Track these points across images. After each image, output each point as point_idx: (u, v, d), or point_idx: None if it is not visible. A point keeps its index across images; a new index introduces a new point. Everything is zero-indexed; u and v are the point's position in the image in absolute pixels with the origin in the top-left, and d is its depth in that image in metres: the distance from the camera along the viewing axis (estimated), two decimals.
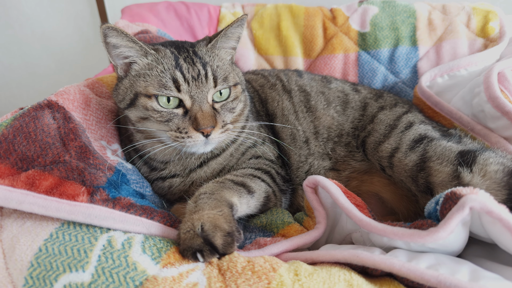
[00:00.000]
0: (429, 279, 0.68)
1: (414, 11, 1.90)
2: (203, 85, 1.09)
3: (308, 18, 2.00)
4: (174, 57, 1.12)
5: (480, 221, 0.76)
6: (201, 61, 1.12)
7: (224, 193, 0.97)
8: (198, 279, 0.74)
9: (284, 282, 0.72)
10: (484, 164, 0.94)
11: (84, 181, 0.91)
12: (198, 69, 1.10)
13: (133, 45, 1.11)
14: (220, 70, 1.14)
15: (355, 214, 0.89)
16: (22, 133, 0.96)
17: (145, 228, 0.87)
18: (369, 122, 1.36)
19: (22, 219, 0.80)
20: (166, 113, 1.10)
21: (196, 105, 1.09)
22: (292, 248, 0.93)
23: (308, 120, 1.41)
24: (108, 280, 0.69)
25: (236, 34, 1.22)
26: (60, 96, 1.12)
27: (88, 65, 2.86)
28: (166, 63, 1.10)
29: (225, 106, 1.16)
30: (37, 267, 0.72)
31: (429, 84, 1.65)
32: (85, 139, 1.07)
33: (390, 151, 1.19)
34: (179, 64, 1.10)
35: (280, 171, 1.31)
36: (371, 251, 0.83)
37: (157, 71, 1.09)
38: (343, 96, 1.48)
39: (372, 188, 1.31)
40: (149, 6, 2.03)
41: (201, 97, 1.09)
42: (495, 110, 1.24)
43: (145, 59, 1.13)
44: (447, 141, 1.11)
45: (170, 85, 1.08)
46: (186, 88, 1.08)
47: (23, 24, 2.76)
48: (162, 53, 1.13)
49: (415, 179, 1.09)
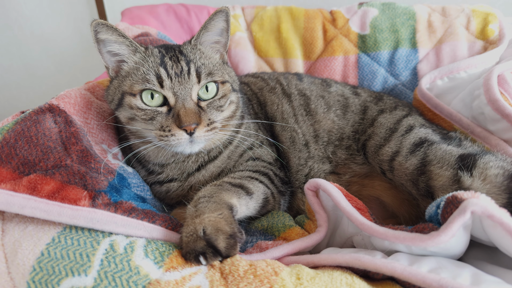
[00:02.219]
0: (431, 283, 0.68)
1: (414, 13, 1.90)
2: (185, 82, 1.10)
3: (308, 20, 2.01)
4: (161, 55, 1.14)
5: (481, 225, 0.76)
6: (186, 58, 1.14)
7: (223, 195, 0.97)
8: (201, 282, 0.74)
9: (286, 286, 0.72)
10: (484, 168, 0.95)
11: (86, 185, 0.91)
12: (182, 66, 1.11)
13: (123, 40, 1.13)
14: (204, 66, 1.15)
15: (357, 217, 0.89)
16: (24, 137, 0.96)
17: (147, 232, 0.87)
18: (369, 126, 1.36)
19: (24, 223, 0.80)
20: (150, 111, 1.11)
21: (180, 102, 1.09)
22: (293, 252, 0.93)
23: (308, 124, 1.41)
24: (111, 284, 0.69)
25: (217, 26, 1.20)
26: (61, 100, 1.12)
27: (87, 67, 2.86)
28: (151, 61, 1.12)
29: (212, 104, 1.15)
30: (39, 271, 0.72)
31: (429, 86, 1.66)
32: (86, 143, 1.07)
33: (391, 155, 1.19)
34: (164, 62, 1.12)
35: (279, 173, 1.31)
36: (373, 254, 0.83)
37: (143, 69, 1.11)
38: (343, 100, 1.48)
39: (373, 193, 1.31)
40: (149, 8, 2.03)
41: (184, 94, 1.09)
42: (495, 113, 1.25)
43: (134, 57, 1.15)
44: (447, 145, 1.11)
45: (153, 80, 1.09)
46: (169, 84, 1.09)
47: (23, 26, 2.76)
48: (150, 51, 1.15)
49: (415, 182, 1.09)
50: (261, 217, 1.17)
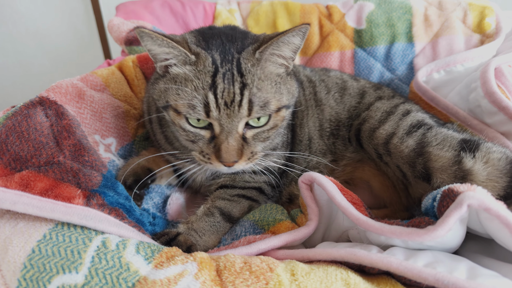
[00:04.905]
0: (426, 278, 0.67)
1: (410, 8, 1.89)
2: (234, 115, 0.97)
3: (304, 15, 1.99)
4: (214, 71, 0.97)
5: (478, 218, 0.75)
6: (241, 80, 0.96)
7: (206, 238, 1.05)
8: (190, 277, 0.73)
9: (281, 282, 0.71)
10: (487, 152, 0.95)
11: (80, 184, 0.91)
12: (234, 93, 0.95)
13: (170, 50, 0.98)
14: (260, 94, 0.98)
15: (352, 212, 0.88)
16: (15, 132, 0.94)
17: (138, 236, 0.87)
18: (364, 110, 1.33)
19: (15, 220, 0.79)
20: (192, 134, 1.04)
21: (223, 135, 0.99)
22: (280, 245, 0.92)
23: (315, 117, 1.38)
24: (102, 282, 0.68)
25: (292, 41, 1.01)
26: (51, 90, 1.10)
27: (83, 63, 2.84)
28: (202, 79, 0.96)
29: (259, 136, 1.05)
30: (30, 268, 0.70)
31: (425, 79, 1.65)
32: (80, 133, 1.05)
33: (385, 137, 1.15)
34: (215, 83, 0.95)
35: (272, 182, 1.27)
36: (368, 249, 0.82)
37: (191, 87, 0.97)
38: (341, 82, 1.45)
39: (363, 175, 1.32)
40: (144, 3, 2.01)
41: (230, 127, 0.98)
42: (491, 105, 1.24)
43: (183, 68, 1.00)
44: (447, 129, 1.10)
45: (199, 109, 0.96)
46: (216, 115, 0.96)
47: (17, 22, 2.73)
48: (201, 63, 0.98)
49: (412, 165, 1.06)
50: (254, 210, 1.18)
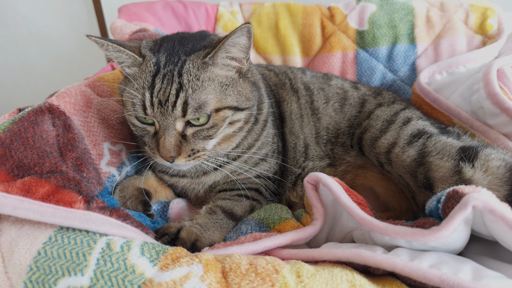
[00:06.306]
0: (432, 278, 0.67)
1: (412, 9, 1.90)
2: (168, 114, 1.00)
3: (306, 17, 2.00)
4: (155, 71, 1.02)
5: (482, 220, 0.75)
6: (179, 81, 1.00)
7: (210, 233, 1.06)
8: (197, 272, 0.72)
9: (287, 283, 0.71)
10: (486, 159, 0.94)
11: (81, 191, 0.91)
12: (169, 93, 0.99)
13: (119, 54, 1.05)
14: (195, 96, 1.00)
15: (357, 212, 0.88)
16: (20, 138, 0.93)
17: (142, 236, 0.87)
18: (365, 118, 1.33)
19: (20, 222, 0.79)
20: (140, 129, 1.09)
21: (161, 131, 1.03)
22: (286, 243, 0.92)
23: (312, 124, 1.39)
24: (107, 284, 0.68)
25: (239, 45, 1.04)
26: (61, 99, 1.09)
27: (84, 65, 2.84)
28: (144, 78, 1.02)
29: (199, 134, 1.06)
30: (36, 270, 0.71)
31: (427, 81, 1.65)
32: (83, 148, 1.05)
33: (387, 147, 1.16)
34: (154, 84, 1.00)
35: (271, 186, 1.29)
36: (373, 250, 0.82)
37: (135, 86, 1.03)
38: (342, 92, 1.46)
39: (366, 182, 1.31)
40: (146, 5, 2.01)
41: (165, 124, 1.02)
42: (494, 107, 1.24)
43: (133, 69, 1.06)
44: (447, 137, 1.10)
45: (138, 107, 1.02)
46: (150, 112, 1.01)
47: (19, 24, 2.74)
48: (145, 65, 1.04)
49: (414, 174, 1.07)
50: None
